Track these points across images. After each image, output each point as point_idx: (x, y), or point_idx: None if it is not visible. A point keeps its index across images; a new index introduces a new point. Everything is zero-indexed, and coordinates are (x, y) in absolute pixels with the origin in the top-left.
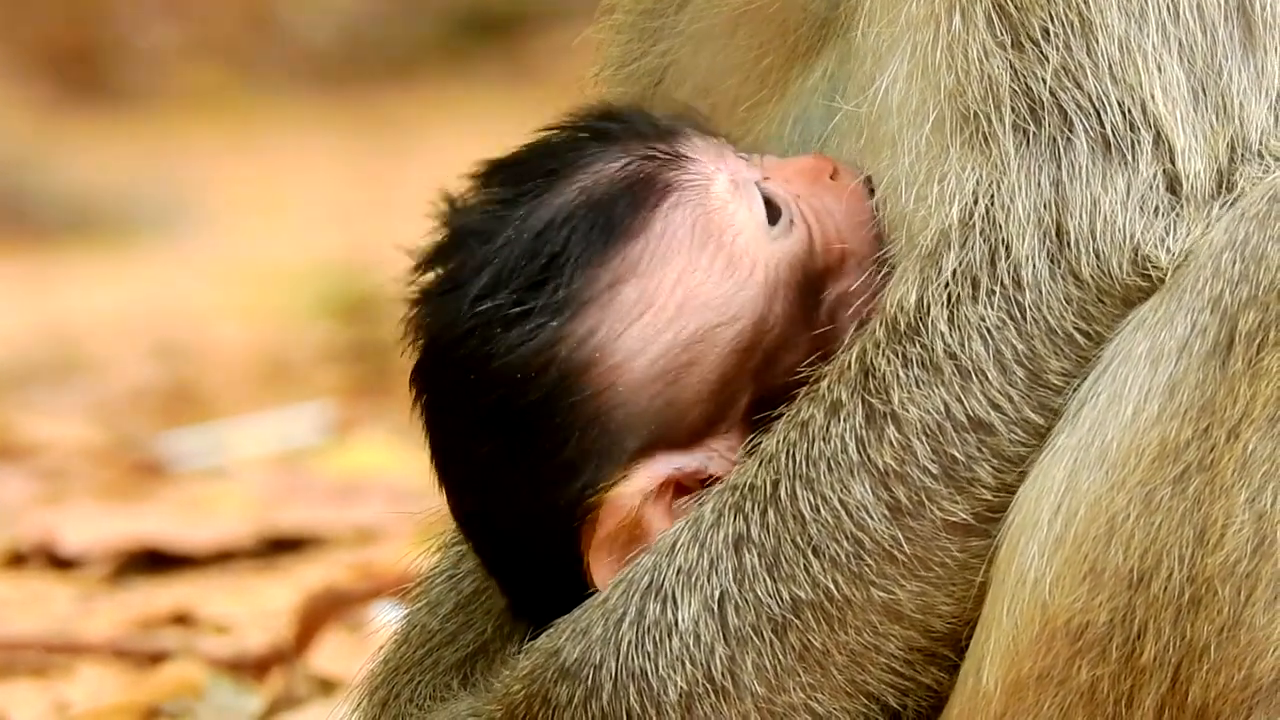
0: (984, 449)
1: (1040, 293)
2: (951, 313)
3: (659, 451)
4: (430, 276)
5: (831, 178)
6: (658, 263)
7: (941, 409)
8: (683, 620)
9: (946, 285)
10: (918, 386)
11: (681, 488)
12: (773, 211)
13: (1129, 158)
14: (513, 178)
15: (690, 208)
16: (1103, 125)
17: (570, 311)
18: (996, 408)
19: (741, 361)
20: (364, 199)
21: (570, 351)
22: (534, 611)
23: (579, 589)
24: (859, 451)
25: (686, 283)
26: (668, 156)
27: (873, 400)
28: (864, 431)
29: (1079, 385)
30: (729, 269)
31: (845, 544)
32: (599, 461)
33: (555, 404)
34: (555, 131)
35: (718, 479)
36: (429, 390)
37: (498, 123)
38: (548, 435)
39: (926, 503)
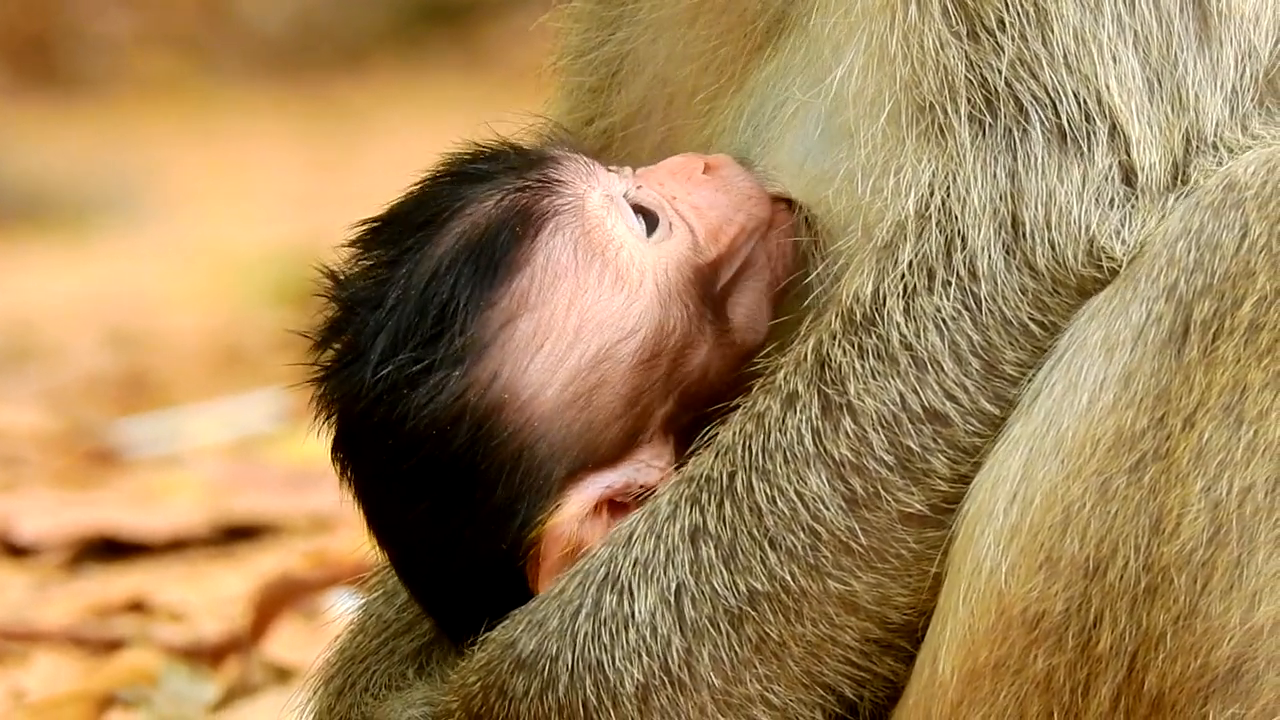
0: (939, 440)
1: (996, 284)
2: (907, 304)
3: (586, 474)
4: (329, 353)
5: (704, 172)
6: (547, 291)
7: (897, 400)
8: (639, 612)
9: (903, 276)
10: (874, 378)
11: (616, 505)
12: (649, 219)
13: (1084, 149)
14: (391, 237)
15: (568, 231)
16: (1058, 116)
17: (471, 358)
18: (952, 399)
19: (649, 371)
20: (318, 186)
21: (479, 397)
22: (467, 627)
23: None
24: (815, 443)
25: (579, 305)
26: (540, 184)
27: (829, 391)
28: (820, 423)
29: (1034, 375)
30: (618, 283)
31: (802, 535)
32: (531, 497)
33: (476, 452)
34: (427, 182)
35: (651, 489)
36: (351, 464)
37: (452, 110)
38: (475, 484)
39: (882, 494)
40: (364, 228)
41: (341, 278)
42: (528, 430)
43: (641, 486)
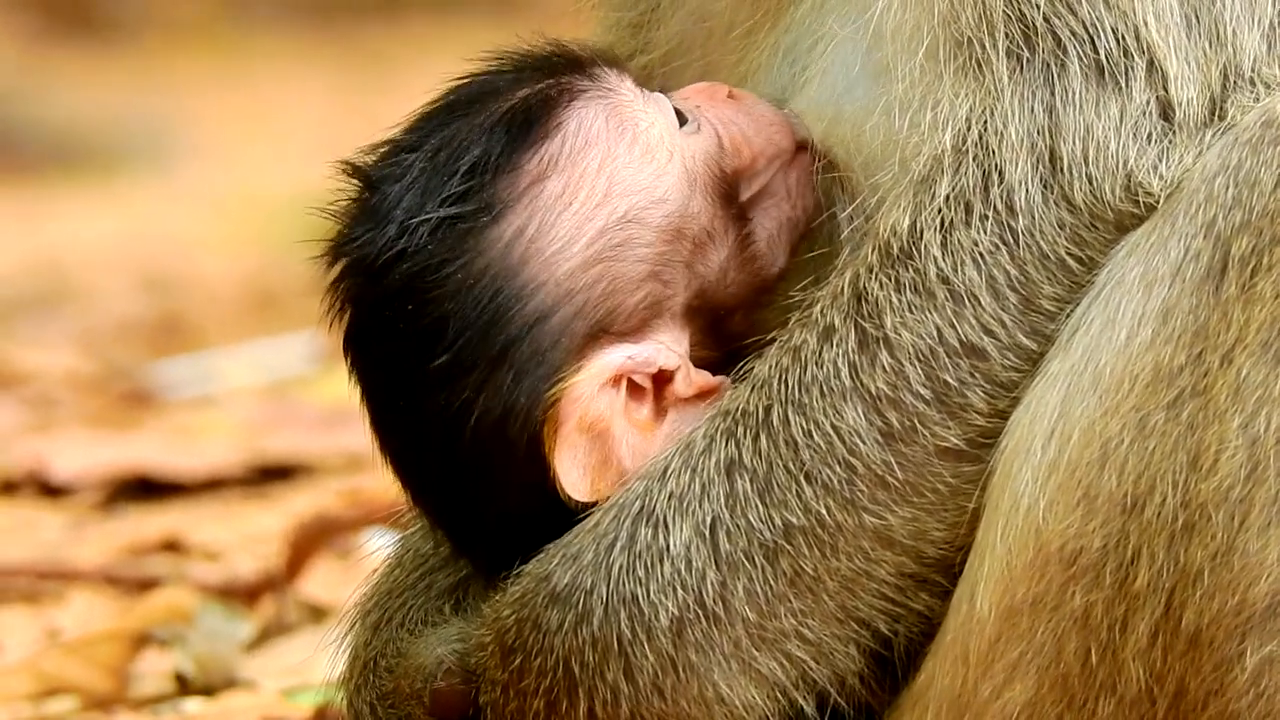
0: (976, 374)
1: (1033, 218)
2: (945, 238)
3: (609, 339)
4: (349, 225)
5: (728, 96)
6: (578, 155)
7: (934, 334)
8: (674, 546)
9: (940, 210)
10: (910, 311)
11: (635, 386)
12: (679, 115)
13: (1122, 84)
14: (420, 123)
15: (602, 104)
16: (1096, 51)
17: (498, 211)
18: (989, 333)
19: (673, 245)
20: (350, 131)
21: (506, 249)
22: (494, 559)
23: (543, 521)
24: (851, 376)
25: (609, 169)
26: (575, 73)
27: (865, 325)
28: (856, 356)
29: (1072, 311)
30: (647, 155)
31: (837, 469)
32: (552, 355)
33: (500, 306)
34: (461, 79)
35: (670, 375)
36: (366, 338)
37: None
38: (497, 338)
39: (919, 428)
40: (392, 131)
41: (364, 164)
42: (553, 286)
43: (661, 369)
